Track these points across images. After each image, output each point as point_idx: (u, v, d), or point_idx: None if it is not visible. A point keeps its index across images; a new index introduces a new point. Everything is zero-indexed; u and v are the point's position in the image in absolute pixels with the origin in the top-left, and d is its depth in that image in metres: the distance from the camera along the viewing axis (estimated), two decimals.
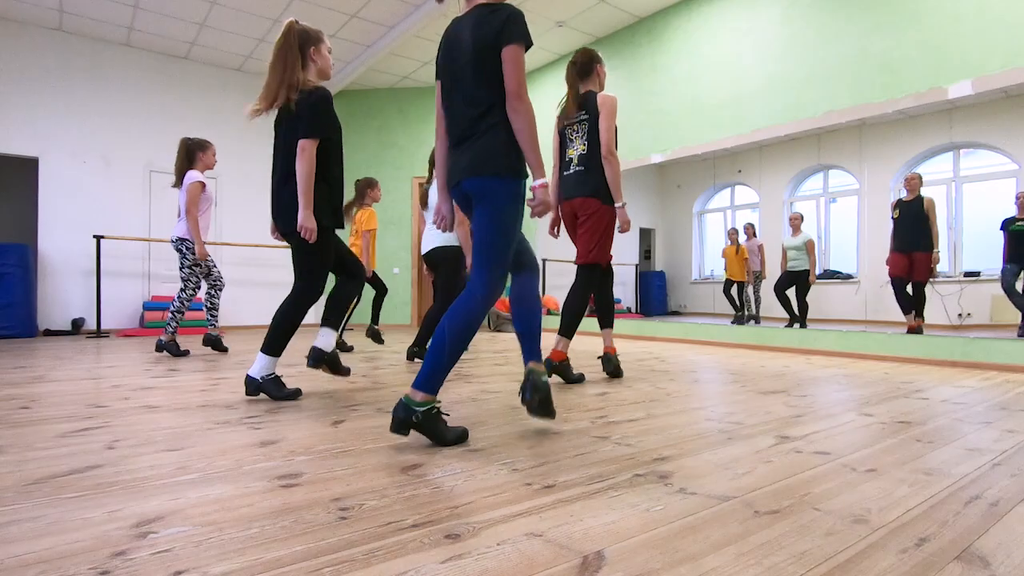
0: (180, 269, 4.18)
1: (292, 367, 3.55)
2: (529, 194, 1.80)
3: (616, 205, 2.90)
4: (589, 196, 2.89)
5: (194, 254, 4.12)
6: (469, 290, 1.78)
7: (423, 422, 1.66)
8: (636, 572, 0.93)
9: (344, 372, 2.73)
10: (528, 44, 1.73)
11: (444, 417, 1.76)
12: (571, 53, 6.94)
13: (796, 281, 6.29)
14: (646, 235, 9.91)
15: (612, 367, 3.11)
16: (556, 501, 1.25)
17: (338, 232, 5.03)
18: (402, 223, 8.18)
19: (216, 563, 0.95)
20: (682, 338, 5.71)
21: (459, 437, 1.74)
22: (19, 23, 6.17)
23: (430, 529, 1.09)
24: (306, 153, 2.37)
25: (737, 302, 7.42)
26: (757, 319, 7.17)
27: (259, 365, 2.46)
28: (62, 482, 1.36)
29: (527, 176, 1.79)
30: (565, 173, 3.02)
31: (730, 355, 4.47)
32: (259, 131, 7.64)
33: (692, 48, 5.77)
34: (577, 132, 2.98)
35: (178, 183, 4.16)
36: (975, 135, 6.07)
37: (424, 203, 3.98)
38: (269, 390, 2.45)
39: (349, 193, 6.62)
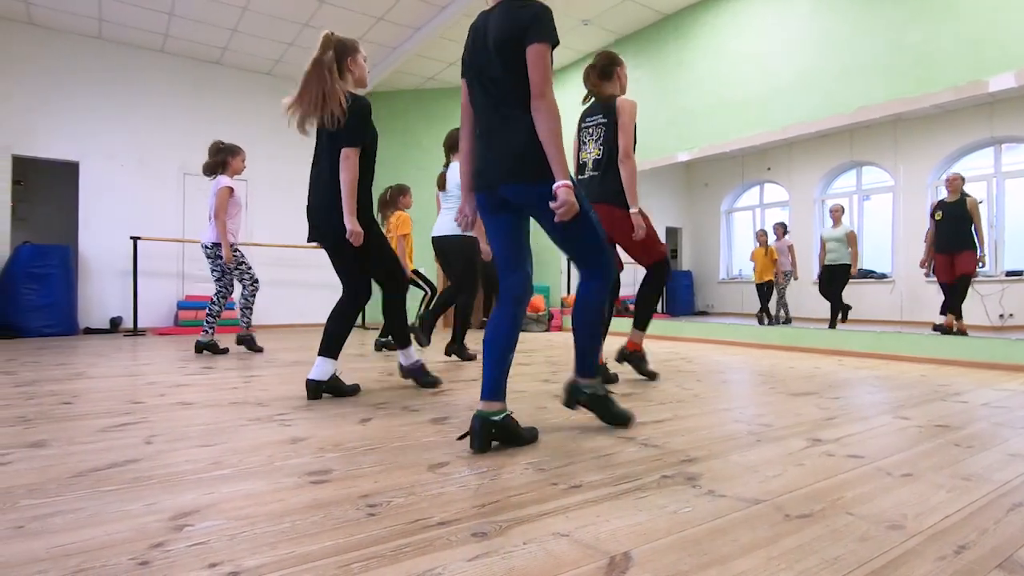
0: (212, 272, 4.25)
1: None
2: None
3: (631, 211, 2.76)
4: (604, 202, 2.77)
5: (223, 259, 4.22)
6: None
7: (499, 431, 1.68)
8: (664, 574, 0.93)
9: (430, 382, 2.76)
10: (555, 43, 1.67)
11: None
12: (597, 52, 6.88)
13: (835, 275, 6.13)
14: (672, 234, 9.79)
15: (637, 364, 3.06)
16: (583, 501, 1.25)
17: None
18: (426, 223, 8.23)
19: (249, 556, 0.97)
20: (709, 338, 5.64)
21: (533, 437, 1.77)
22: (61, 32, 6.40)
23: (457, 527, 1.10)
24: (349, 161, 2.45)
25: (767, 304, 7.26)
26: (788, 321, 7.02)
27: (319, 369, 2.48)
28: (102, 475, 1.41)
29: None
30: (580, 177, 2.92)
31: (758, 356, 4.39)
32: (289, 133, 7.70)
33: (719, 44, 5.68)
34: (591, 135, 2.88)
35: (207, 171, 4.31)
36: (1018, 129, 5.84)
37: (441, 186, 3.97)
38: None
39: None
